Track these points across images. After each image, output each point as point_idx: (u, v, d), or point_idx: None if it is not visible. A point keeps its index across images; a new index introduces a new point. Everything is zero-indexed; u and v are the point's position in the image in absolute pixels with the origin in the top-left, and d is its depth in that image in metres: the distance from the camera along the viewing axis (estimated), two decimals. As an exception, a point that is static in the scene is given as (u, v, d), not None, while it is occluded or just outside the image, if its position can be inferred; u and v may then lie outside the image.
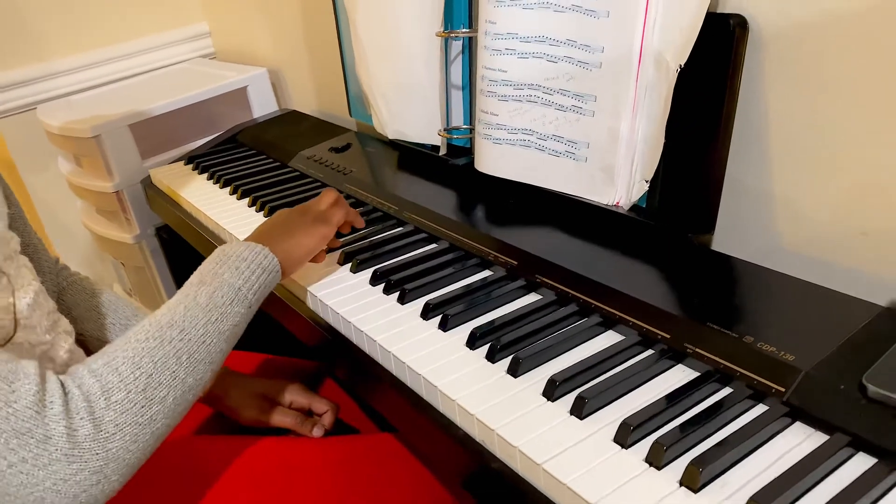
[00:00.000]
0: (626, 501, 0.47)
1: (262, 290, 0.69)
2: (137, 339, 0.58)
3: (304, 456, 0.75)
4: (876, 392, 0.49)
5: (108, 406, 0.53)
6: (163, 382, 0.57)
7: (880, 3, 0.58)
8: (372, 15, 1.00)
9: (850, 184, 0.65)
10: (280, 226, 0.77)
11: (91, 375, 0.55)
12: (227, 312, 0.64)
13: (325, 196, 0.83)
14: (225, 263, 0.68)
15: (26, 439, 0.49)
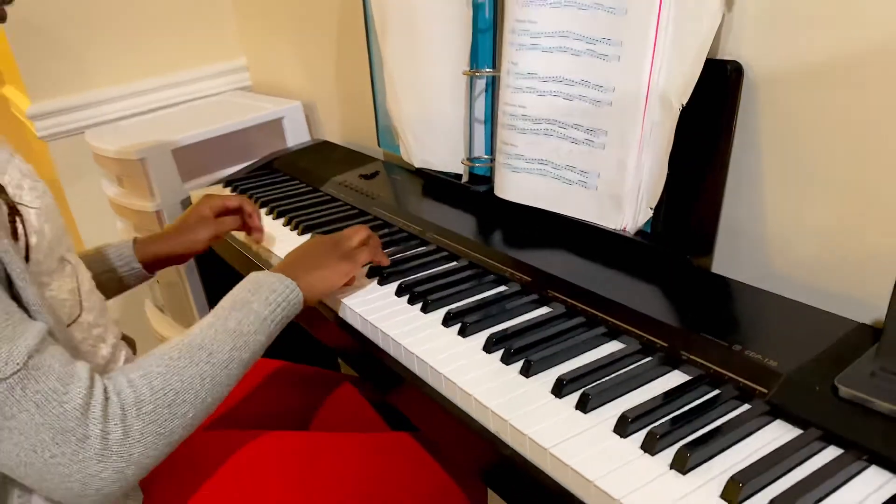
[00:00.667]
0: (621, 481, 0.53)
1: (283, 322, 0.75)
2: (171, 357, 0.65)
3: (324, 451, 0.81)
4: (846, 392, 0.55)
5: (137, 416, 0.60)
6: (187, 400, 0.64)
7: (859, 54, 0.65)
8: (404, 54, 1.09)
9: (834, 216, 0.72)
10: (311, 257, 0.83)
11: (129, 386, 0.61)
12: (250, 340, 0.70)
13: (357, 233, 0.88)
14: (257, 293, 0.74)
15: (68, 437, 0.56)
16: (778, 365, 0.60)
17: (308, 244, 0.86)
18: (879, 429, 0.53)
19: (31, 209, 0.65)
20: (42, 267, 0.66)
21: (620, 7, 0.79)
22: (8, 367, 0.54)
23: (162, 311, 1.72)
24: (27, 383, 0.55)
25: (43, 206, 0.67)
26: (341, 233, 0.88)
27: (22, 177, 0.66)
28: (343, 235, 0.87)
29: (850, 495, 0.50)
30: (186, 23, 1.78)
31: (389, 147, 1.27)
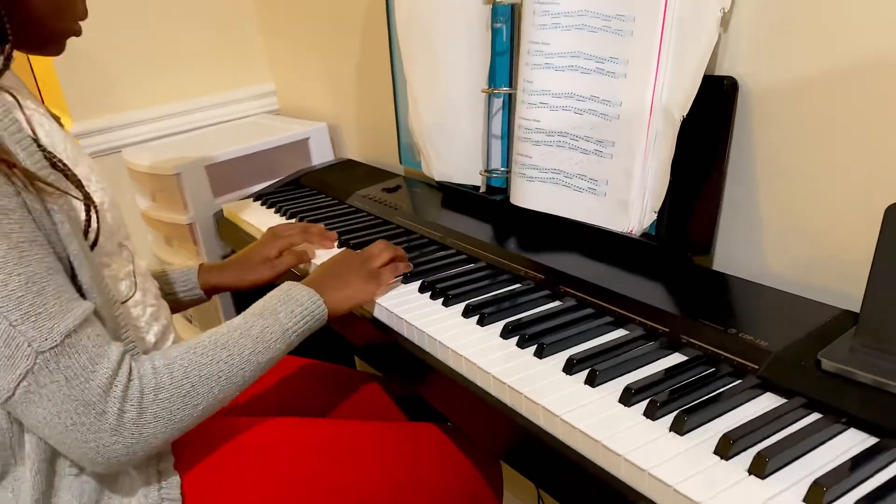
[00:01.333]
0: (625, 440, 0.59)
1: (304, 335, 0.80)
2: (195, 352, 0.71)
3: (350, 438, 0.86)
4: (828, 365, 0.62)
5: (154, 400, 0.67)
6: (201, 393, 0.70)
7: (841, 70, 0.73)
8: (427, 75, 1.17)
9: (823, 217, 0.78)
10: (340, 274, 0.87)
11: (152, 372, 0.68)
12: (269, 348, 0.76)
13: (384, 252, 0.92)
14: (286, 303, 0.79)
15: (89, 409, 0.63)
16: (768, 345, 0.67)
17: (338, 259, 0.91)
18: (857, 396, 0.59)
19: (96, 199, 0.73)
20: (104, 249, 0.74)
21: (627, 29, 0.87)
22: (47, 342, 0.61)
23: (190, 322, 1.79)
24: (60, 358, 0.62)
25: (106, 199, 0.75)
26: (369, 250, 0.93)
27: (90, 171, 0.74)
28: (371, 254, 0.92)
29: (830, 452, 0.56)
30: (218, 50, 1.89)
31: (410, 164, 1.35)
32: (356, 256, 0.91)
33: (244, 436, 0.83)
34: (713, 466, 0.55)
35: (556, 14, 0.93)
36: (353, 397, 1.08)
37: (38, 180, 0.64)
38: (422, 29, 1.16)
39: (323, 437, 0.86)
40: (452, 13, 1.10)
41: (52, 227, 0.65)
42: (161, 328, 0.83)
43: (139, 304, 0.80)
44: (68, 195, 0.68)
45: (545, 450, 0.65)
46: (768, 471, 0.53)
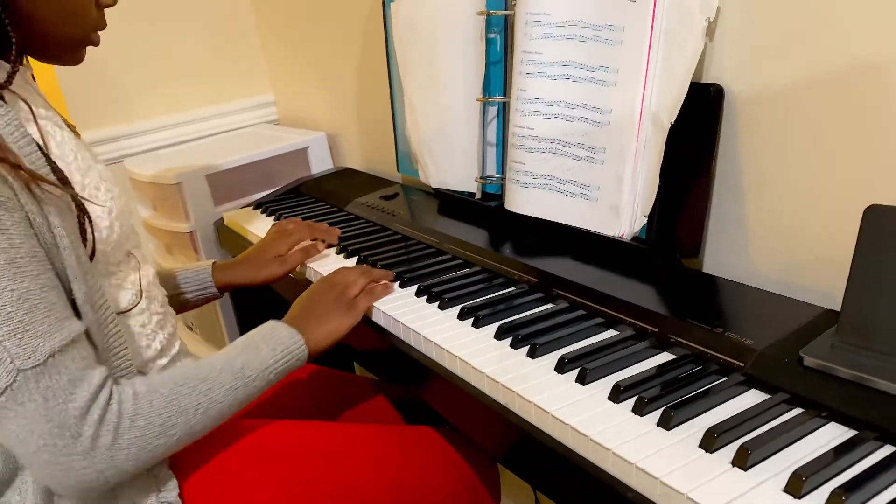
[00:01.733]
0: (613, 436, 0.61)
1: (283, 374, 0.81)
2: (177, 382, 0.71)
3: (350, 440, 0.88)
4: (810, 361, 0.64)
5: (131, 427, 0.66)
6: (177, 424, 0.70)
7: (822, 76, 0.75)
8: (424, 85, 1.20)
9: (806, 219, 0.81)
10: (317, 309, 0.88)
11: (133, 398, 0.68)
12: (248, 384, 0.77)
13: (358, 280, 0.92)
14: (269, 340, 0.80)
15: (63, 431, 0.63)
16: (753, 343, 0.69)
17: (315, 292, 0.91)
18: (837, 391, 0.61)
19: (104, 208, 0.75)
20: (110, 258, 0.76)
21: (616, 39, 0.89)
22: (30, 360, 0.61)
23: (191, 329, 1.81)
24: (41, 378, 0.61)
25: (116, 207, 0.77)
26: (343, 279, 0.92)
27: (100, 180, 0.76)
28: (346, 283, 0.91)
29: (811, 445, 0.58)
30: (219, 61, 1.92)
31: (408, 172, 1.38)
32: (332, 288, 0.91)
33: (244, 438, 0.84)
34: (698, 459, 0.57)
35: (547, 24, 0.96)
36: (351, 401, 1.10)
37: (41, 180, 0.64)
38: (418, 40, 1.18)
39: (321, 439, 0.87)
40: (448, 24, 1.13)
41: (53, 240, 0.65)
42: (167, 336, 0.84)
43: (145, 312, 0.82)
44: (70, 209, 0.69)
45: (538, 447, 0.67)
46: (750, 463, 0.55)
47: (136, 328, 0.80)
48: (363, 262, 1.08)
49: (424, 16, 1.16)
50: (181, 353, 0.88)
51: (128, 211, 0.82)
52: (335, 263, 1.10)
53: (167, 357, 0.84)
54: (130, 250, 0.82)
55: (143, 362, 0.81)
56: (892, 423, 0.57)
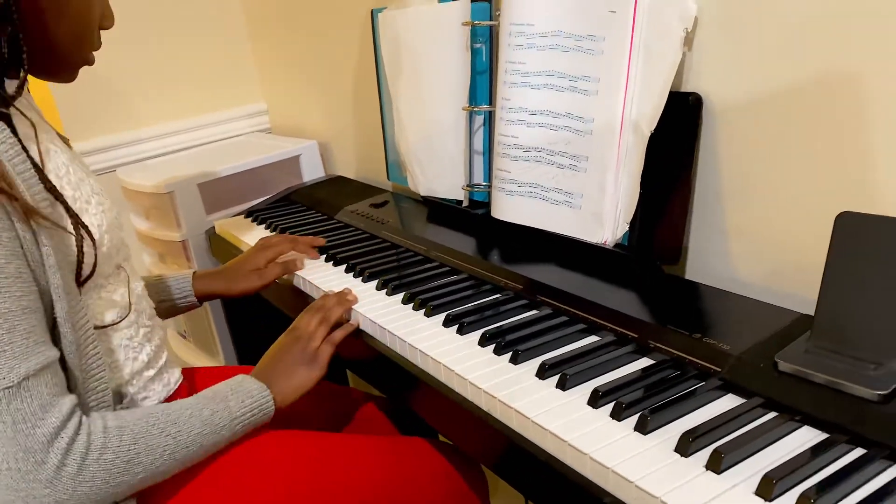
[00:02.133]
0: (591, 441, 0.62)
1: (250, 426, 0.81)
2: (147, 422, 0.72)
3: (339, 451, 0.88)
4: (785, 366, 0.65)
5: (97, 460, 0.66)
6: (143, 462, 0.69)
7: (795, 86, 0.77)
8: (412, 94, 1.21)
9: (788, 225, 0.82)
10: (284, 365, 0.89)
11: (102, 431, 0.68)
12: (215, 432, 0.77)
13: (318, 330, 0.92)
14: (237, 393, 0.81)
15: (28, 456, 0.62)
16: (730, 348, 0.70)
17: (279, 349, 0.91)
18: (810, 395, 0.62)
19: (94, 225, 0.76)
20: (100, 271, 0.77)
21: (597, 49, 0.91)
22: (3, 381, 0.61)
23: (184, 338, 1.82)
24: (13, 400, 0.61)
25: (106, 221, 0.78)
26: (303, 329, 0.92)
27: (92, 193, 0.77)
28: (306, 335, 0.92)
29: (784, 448, 0.59)
30: (212, 71, 1.93)
31: (398, 179, 1.39)
32: (296, 342, 0.92)
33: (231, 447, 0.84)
34: (673, 463, 0.58)
35: (531, 35, 0.97)
36: (344, 412, 1.11)
37: (37, 215, 0.65)
38: (406, 50, 1.20)
39: (307, 449, 0.87)
40: (434, 34, 1.14)
41: (40, 259, 0.66)
42: (154, 348, 0.85)
43: (133, 325, 0.83)
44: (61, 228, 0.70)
45: (520, 452, 0.68)
46: (724, 466, 0.56)
47: (124, 340, 0.81)
48: (352, 269, 1.09)
49: (411, 26, 1.18)
50: (168, 364, 0.89)
51: (118, 224, 0.83)
52: (322, 270, 1.12)
53: (154, 369, 0.85)
54: (120, 263, 0.83)
55: (130, 374, 0.82)
56: (863, 427, 0.58)
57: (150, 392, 0.85)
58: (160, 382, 0.86)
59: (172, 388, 0.88)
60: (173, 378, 0.89)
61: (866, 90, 0.71)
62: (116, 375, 0.81)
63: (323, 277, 1.09)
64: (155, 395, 0.85)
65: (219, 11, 1.92)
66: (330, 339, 0.92)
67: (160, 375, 0.86)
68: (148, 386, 0.84)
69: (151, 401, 0.85)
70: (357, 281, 1.06)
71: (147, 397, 0.85)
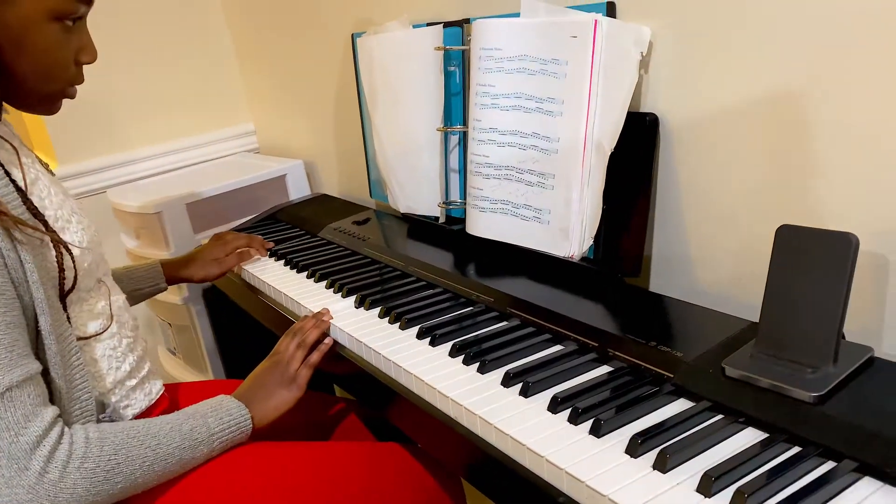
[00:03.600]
0: (548, 444, 0.66)
1: (229, 444, 0.85)
2: (127, 434, 0.75)
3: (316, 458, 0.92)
4: (731, 371, 0.69)
5: (79, 467, 0.69)
6: (123, 473, 0.73)
7: (751, 104, 0.81)
8: (389, 115, 1.26)
9: (744, 236, 0.86)
10: (263, 386, 0.93)
11: (84, 441, 0.72)
12: (194, 447, 0.80)
13: (295, 354, 0.95)
14: (217, 411, 0.84)
15: (11, 462, 0.65)
16: (683, 355, 0.74)
17: (261, 372, 0.95)
18: (754, 398, 0.66)
19: (75, 242, 0.80)
20: (82, 285, 0.81)
21: (561, 72, 0.95)
22: None
23: (174, 354, 1.85)
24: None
25: (87, 239, 0.82)
26: (282, 354, 0.96)
27: (72, 213, 0.81)
28: (285, 359, 0.95)
29: (727, 448, 0.63)
30: (201, 93, 1.98)
31: (380, 197, 1.43)
32: (276, 366, 0.95)
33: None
34: (623, 464, 0.62)
35: (499, 59, 1.02)
36: (325, 421, 1.14)
37: (24, 225, 0.69)
38: (383, 72, 1.24)
39: (284, 458, 0.90)
40: (409, 58, 1.19)
41: (24, 276, 0.70)
42: (136, 358, 0.89)
43: (115, 336, 0.87)
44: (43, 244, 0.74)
45: (484, 457, 0.71)
46: (669, 466, 0.60)
47: (107, 351, 0.85)
48: (332, 286, 1.13)
49: (387, 50, 1.22)
50: (150, 374, 0.92)
51: (98, 241, 0.87)
52: (304, 287, 1.15)
53: (136, 379, 0.89)
54: (101, 278, 0.87)
55: (113, 383, 0.85)
56: (799, 427, 0.62)
57: (132, 401, 0.88)
58: (142, 392, 0.90)
59: (154, 398, 0.92)
60: (155, 388, 0.93)
61: (807, 110, 0.76)
62: (100, 385, 0.85)
63: (305, 294, 1.13)
64: (137, 405, 0.89)
65: (207, 34, 1.96)
66: (307, 362, 0.96)
67: (142, 385, 0.90)
68: (130, 395, 0.88)
69: (133, 409, 0.89)
70: (337, 296, 1.10)
71: (129, 406, 0.88)
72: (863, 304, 0.75)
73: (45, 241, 0.76)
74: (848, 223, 0.75)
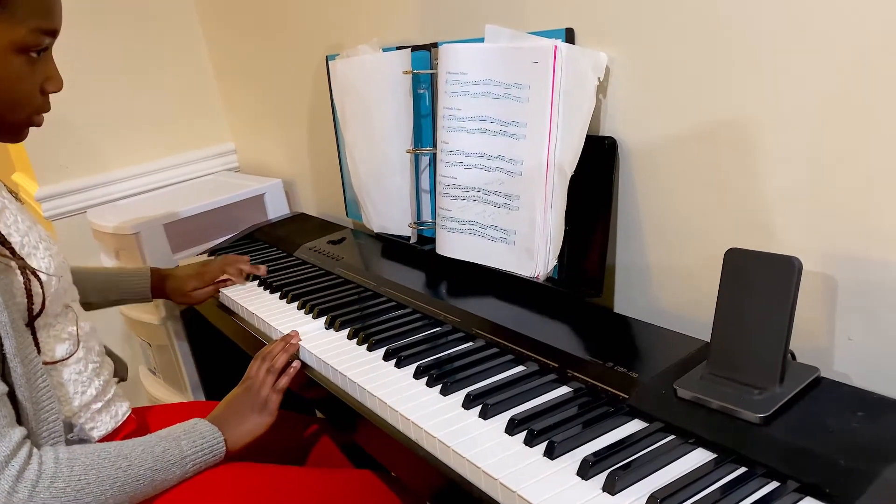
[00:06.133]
0: (503, 466, 0.66)
1: (201, 467, 0.86)
2: (98, 455, 0.77)
3: (289, 483, 0.93)
4: (682, 392, 0.70)
5: (48, 487, 0.71)
6: (93, 493, 0.74)
7: (696, 131, 0.83)
8: (361, 137, 1.27)
9: (698, 258, 0.88)
10: (237, 412, 0.94)
11: (54, 461, 0.73)
12: (166, 469, 0.81)
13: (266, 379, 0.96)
14: (190, 434, 0.86)
15: None
16: (638, 376, 0.75)
17: (233, 398, 0.96)
18: (704, 419, 0.67)
19: (42, 268, 0.81)
20: (49, 310, 0.82)
21: (524, 96, 0.97)
22: None
23: (154, 374, 1.85)
24: None
25: (54, 265, 0.83)
26: (252, 379, 0.97)
27: (39, 240, 0.82)
28: (256, 384, 0.96)
29: (677, 469, 0.64)
30: (180, 112, 1.99)
31: (356, 216, 1.44)
32: (247, 392, 0.96)
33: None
34: (574, 486, 0.63)
35: (465, 83, 1.04)
36: (300, 441, 1.15)
37: None
38: (354, 94, 1.26)
39: (253, 480, 0.91)
40: (379, 81, 1.20)
41: None
42: (102, 383, 0.90)
43: (81, 361, 0.87)
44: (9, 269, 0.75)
45: (443, 479, 0.72)
46: (618, 488, 0.61)
47: (73, 375, 0.86)
48: (304, 306, 1.14)
49: (358, 73, 1.24)
50: (116, 397, 0.93)
51: (65, 267, 0.88)
52: (275, 308, 1.16)
53: (102, 401, 0.90)
54: (68, 303, 0.88)
55: (79, 406, 0.86)
56: (746, 447, 0.63)
57: (97, 423, 0.89)
58: (108, 414, 0.91)
59: (120, 420, 0.93)
60: (121, 410, 0.94)
61: (757, 136, 0.77)
62: (66, 408, 0.85)
63: (276, 315, 1.14)
64: (103, 426, 0.90)
65: (187, 57, 1.98)
66: (276, 387, 0.97)
67: (108, 408, 0.91)
68: (96, 417, 0.89)
69: (99, 431, 0.90)
70: (308, 317, 1.11)
71: (94, 427, 0.89)
72: (814, 324, 0.77)
73: (12, 266, 0.77)
74: (797, 246, 0.77)
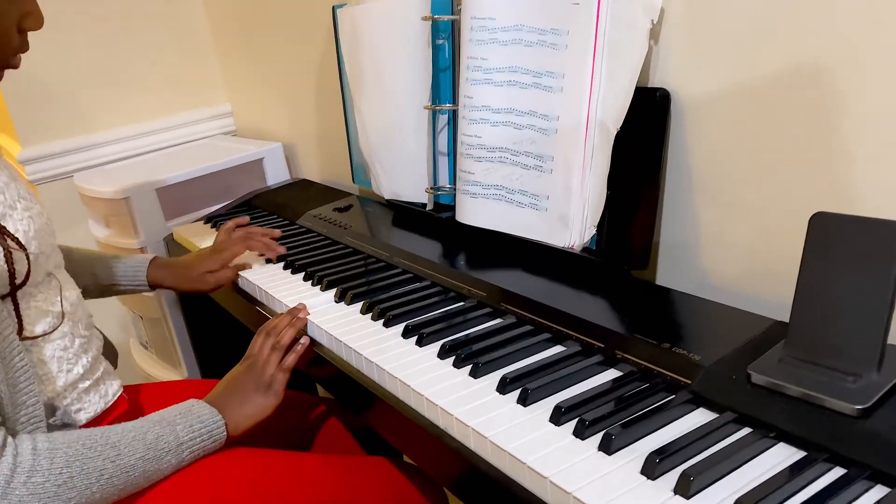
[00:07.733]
0: (552, 463, 0.57)
1: (199, 454, 0.77)
2: (82, 444, 0.68)
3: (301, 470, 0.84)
4: (758, 378, 0.61)
5: (25, 482, 0.62)
6: (77, 487, 0.66)
7: (766, 80, 0.73)
8: (373, 94, 1.16)
9: (761, 226, 0.78)
10: (239, 392, 0.85)
11: (31, 453, 0.64)
12: (160, 458, 0.73)
13: (270, 359, 0.87)
14: (186, 417, 0.77)
15: None
16: (701, 359, 0.66)
17: (235, 377, 0.87)
18: (785, 409, 0.58)
19: (19, 230, 0.71)
20: (30, 279, 0.71)
21: (561, 43, 0.86)
22: None
23: (146, 348, 1.76)
24: None
25: (34, 227, 0.73)
26: (255, 357, 0.88)
27: (18, 198, 0.72)
28: (260, 362, 0.87)
29: (758, 468, 0.55)
30: (173, 71, 1.87)
31: (363, 182, 1.34)
32: (250, 370, 0.87)
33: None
34: (639, 487, 0.54)
35: (492, 29, 0.93)
36: (309, 424, 1.06)
37: None
38: (365, 46, 1.15)
39: (256, 468, 0.83)
40: (394, 29, 1.09)
41: None
42: (90, 359, 0.80)
43: (66, 336, 0.77)
44: None
45: (478, 474, 0.63)
46: (693, 490, 0.52)
47: (57, 352, 0.77)
48: (310, 278, 1.04)
49: (370, 21, 1.13)
50: (106, 375, 0.84)
51: (49, 230, 0.78)
52: (280, 279, 1.06)
53: (90, 380, 0.80)
54: (51, 271, 0.77)
55: (64, 385, 0.77)
56: (842, 444, 0.54)
57: (84, 404, 0.80)
58: (96, 394, 0.82)
59: (111, 400, 0.84)
60: (111, 390, 0.84)
61: (840, 83, 0.67)
62: (48, 388, 0.76)
63: (281, 287, 1.04)
64: (91, 408, 0.81)
65: (180, 10, 1.85)
66: (282, 365, 0.88)
67: (97, 387, 0.82)
68: (83, 398, 0.80)
69: (87, 413, 0.81)
70: (316, 290, 1.01)
71: (82, 409, 0.80)
72: (900, 300, 0.67)
73: None
74: (887, 213, 0.67)
